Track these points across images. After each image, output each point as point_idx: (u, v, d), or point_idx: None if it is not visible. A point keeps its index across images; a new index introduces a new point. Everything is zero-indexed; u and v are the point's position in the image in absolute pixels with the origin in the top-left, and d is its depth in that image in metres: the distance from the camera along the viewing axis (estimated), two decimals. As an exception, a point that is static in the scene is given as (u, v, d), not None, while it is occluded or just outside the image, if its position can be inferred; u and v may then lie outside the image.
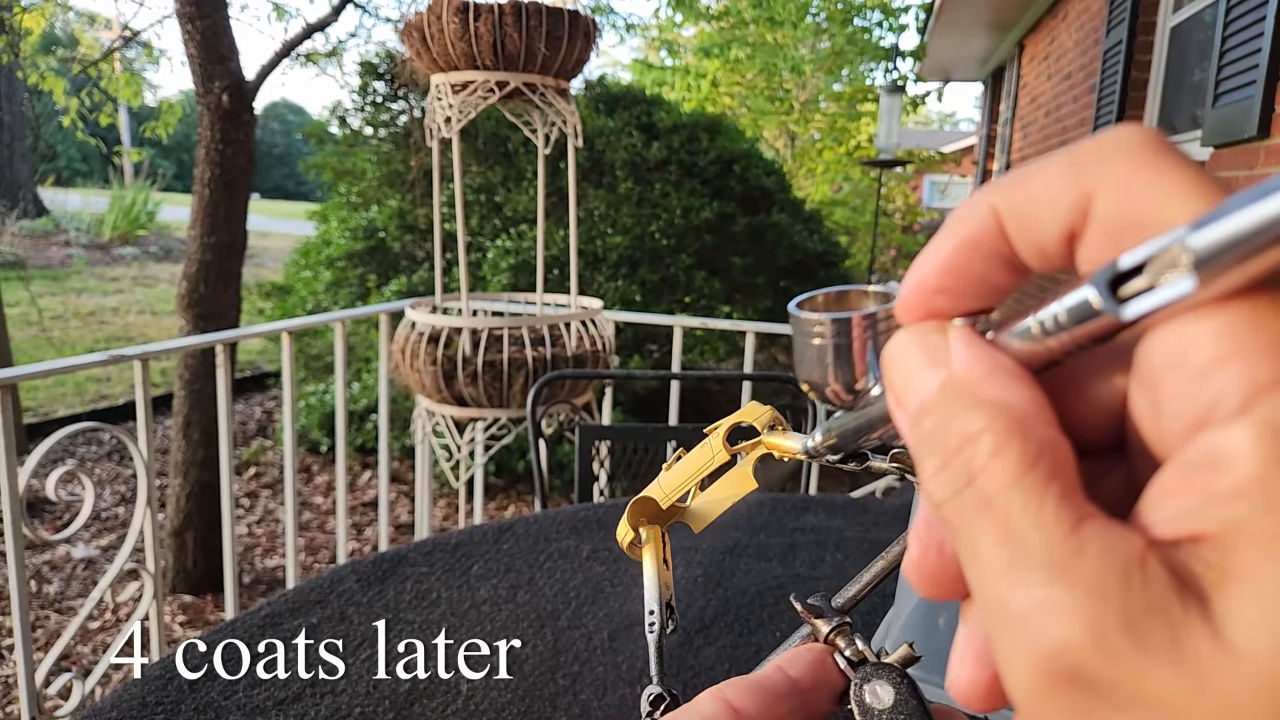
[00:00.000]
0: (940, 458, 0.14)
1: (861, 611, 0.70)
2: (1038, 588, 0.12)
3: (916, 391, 0.15)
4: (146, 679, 0.56)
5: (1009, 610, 0.13)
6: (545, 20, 1.61)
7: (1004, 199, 0.15)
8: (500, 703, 0.56)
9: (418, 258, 3.76)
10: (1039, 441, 0.13)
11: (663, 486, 0.24)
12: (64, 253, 8.47)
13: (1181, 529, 0.12)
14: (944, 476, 0.14)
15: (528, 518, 0.85)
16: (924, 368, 0.15)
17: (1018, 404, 0.14)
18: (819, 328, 0.19)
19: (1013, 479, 0.13)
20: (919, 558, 0.16)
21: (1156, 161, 0.13)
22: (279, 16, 4.02)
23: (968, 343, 0.15)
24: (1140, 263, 0.12)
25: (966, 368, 0.15)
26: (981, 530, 0.13)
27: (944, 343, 0.15)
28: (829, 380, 0.19)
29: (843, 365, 0.18)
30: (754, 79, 7.45)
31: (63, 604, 2.40)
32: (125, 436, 1.34)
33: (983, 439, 0.13)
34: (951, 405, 0.14)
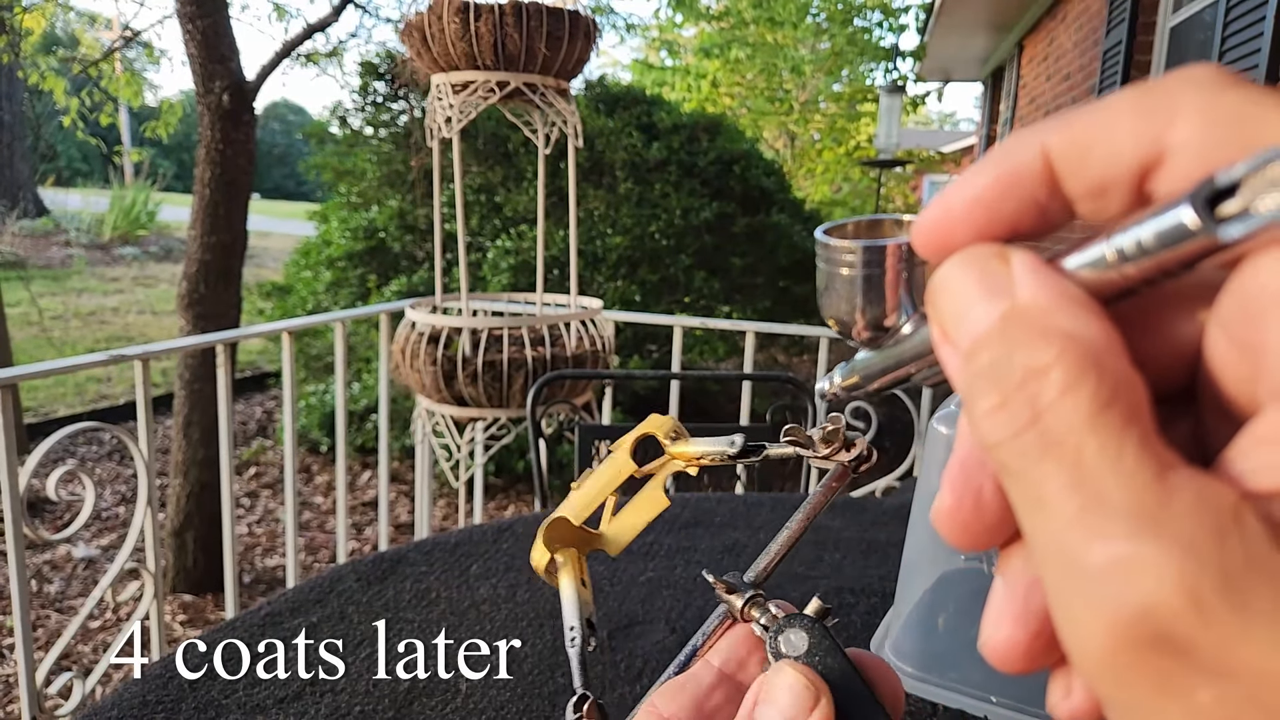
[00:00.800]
0: (1000, 394, 0.13)
1: (861, 612, 0.70)
2: (1120, 540, 0.11)
3: (973, 322, 0.14)
4: (147, 678, 0.56)
5: (1084, 564, 0.11)
6: (546, 20, 1.61)
7: (1060, 135, 0.14)
8: (499, 702, 0.56)
9: (418, 258, 3.77)
10: (1115, 379, 0.12)
11: (574, 505, 0.24)
12: (64, 253, 8.47)
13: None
14: (1004, 415, 0.12)
15: (527, 517, 0.86)
16: (982, 296, 0.14)
17: (1092, 337, 0.12)
18: (849, 256, 0.17)
19: (1087, 418, 0.12)
20: (953, 505, 0.15)
21: (1238, 88, 0.12)
22: (279, 17, 4.02)
23: (1034, 269, 0.14)
24: (1235, 181, 0.11)
25: (1032, 296, 0.13)
26: (1048, 474, 0.12)
27: (1005, 269, 0.14)
28: (856, 315, 0.17)
29: (873, 298, 0.17)
30: (754, 79, 7.46)
31: (63, 603, 2.40)
32: (126, 436, 1.34)
33: (1052, 373, 0.12)
34: (1015, 336, 0.13)
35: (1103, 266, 0.13)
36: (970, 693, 0.58)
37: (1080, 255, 0.14)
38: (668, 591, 0.72)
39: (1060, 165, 0.14)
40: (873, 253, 0.17)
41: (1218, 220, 0.12)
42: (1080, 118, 0.13)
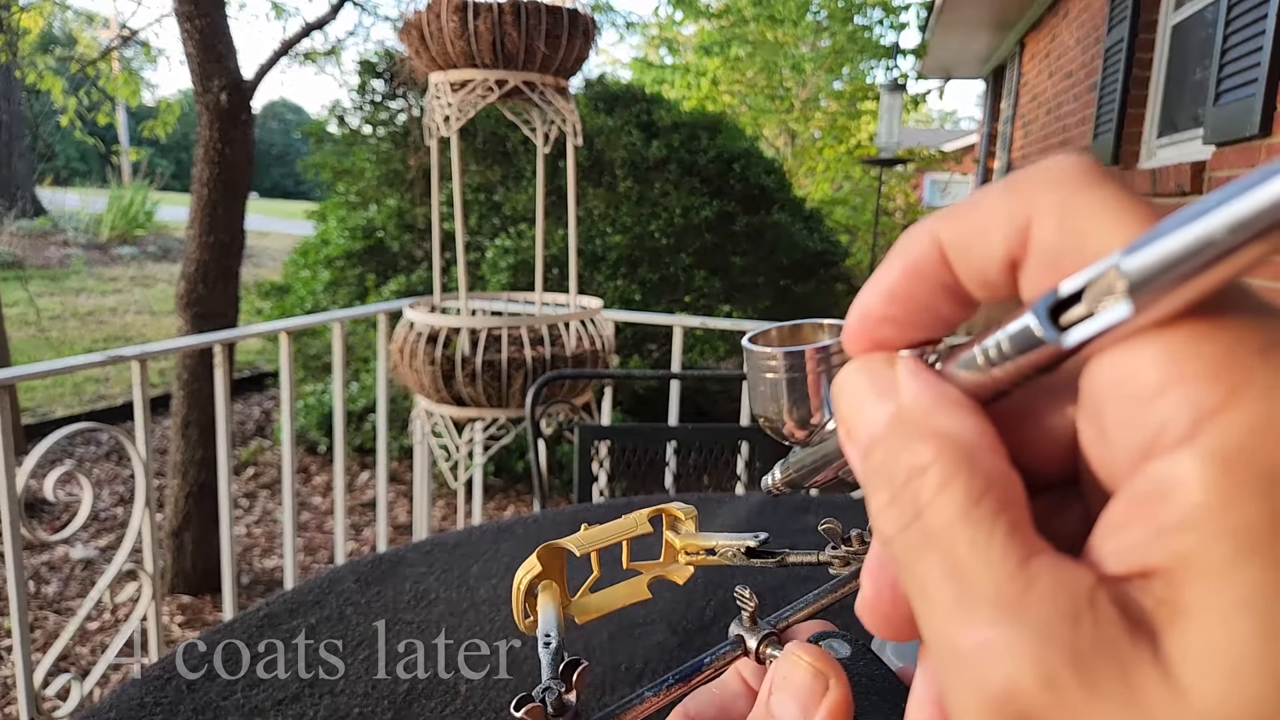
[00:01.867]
0: (888, 491, 0.14)
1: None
2: (984, 627, 0.12)
3: (866, 424, 0.15)
4: (145, 679, 0.56)
5: (956, 650, 0.12)
6: (544, 19, 1.60)
7: (945, 228, 0.14)
8: (499, 703, 0.56)
9: (416, 257, 3.76)
10: (987, 474, 0.13)
11: (579, 540, 0.25)
12: (62, 252, 8.46)
13: (1132, 563, 0.12)
14: (892, 511, 0.13)
15: (527, 518, 0.85)
16: (872, 399, 0.15)
17: (965, 435, 0.13)
18: (772, 362, 0.18)
19: (959, 513, 0.13)
20: (872, 597, 0.16)
21: (1091, 187, 0.13)
22: (277, 15, 4.02)
23: (914, 373, 0.15)
24: (1079, 289, 0.12)
25: (914, 398, 0.14)
26: (928, 566, 0.13)
27: (892, 374, 0.15)
28: (784, 416, 0.18)
29: (797, 400, 0.18)
30: (754, 77, 7.46)
31: (61, 604, 2.40)
32: (123, 437, 1.33)
33: (930, 472, 0.13)
34: (899, 437, 0.14)
35: (975, 369, 0.14)
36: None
37: (960, 359, 0.14)
38: (668, 593, 0.71)
39: (950, 254, 0.14)
40: (792, 357, 0.18)
41: (1062, 328, 0.12)
42: (961, 211, 0.14)
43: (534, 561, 0.24)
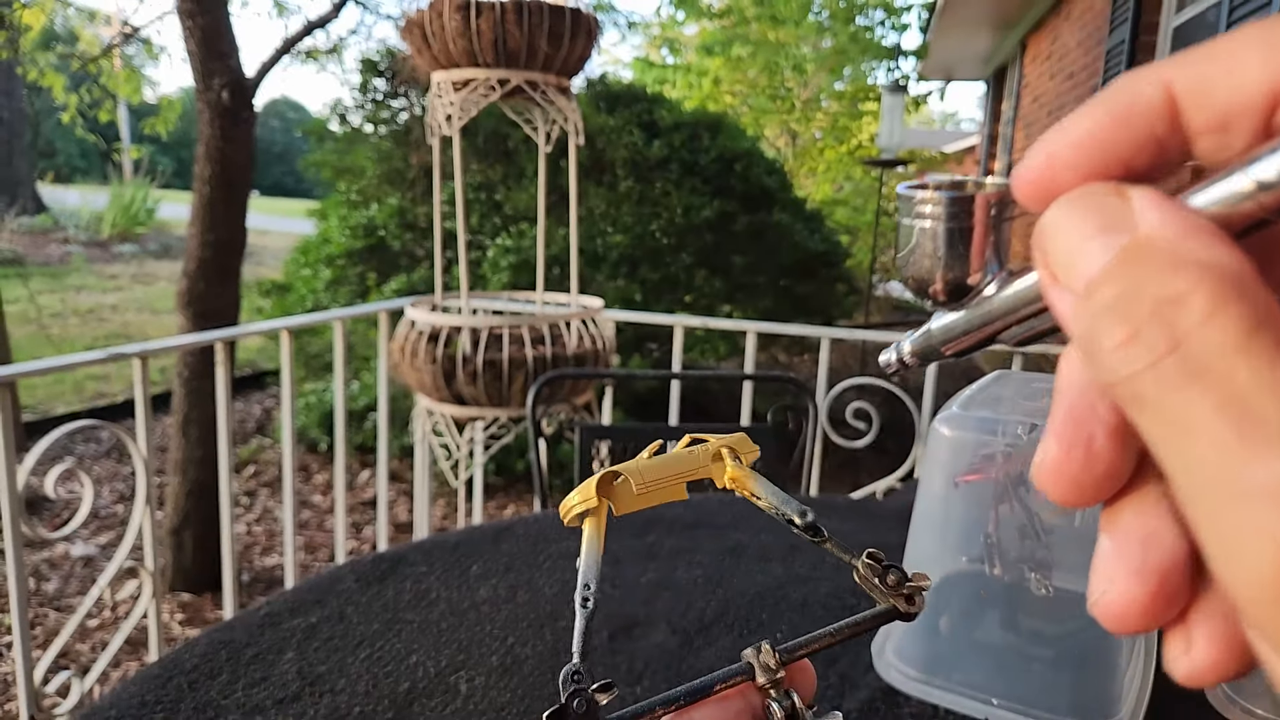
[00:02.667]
0: (1130, 326, 0.12)
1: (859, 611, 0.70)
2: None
3: (1090, 257, 0.13)
4: (145, 677, 0.56)
5: (1247, 487, 0.11)
6: (546, 18, 1.60)
7: (1180, 71, 0.13)
8: (499, 703, 0.56)
9: (418, 256, 3.76)
10: (1260, 305, 0.12)
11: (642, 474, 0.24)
12: (63, 250, 8.46)
13: None
14: (1137, 346, 0.12)
15: (527, 518, 0.85)
16: (1100, 232, 0.13)
17: (1228, 263, 0.12)
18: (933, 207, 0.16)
19: (1236, 342, 0.11)
20: (1061, 457, 0.14)
21: None
22: (280, 13, 4.02)
23: (1157, 202, 0.13)
24: None
25: (1159, 226, 0.13)
26: (1194, 401, 0.11)
27: (1123, 205, 0.13)
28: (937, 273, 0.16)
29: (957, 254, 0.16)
30: (756, 77, 7.46)
31: (61, 602, 2.40)
32: (124, 434, 1.34)
33: (1191, 300, 0.12)
34: (1143, 267, 0.12)
35: (1235, 199, 0.13)
36: (972, 695, 0.57)
37: (1206, 190, 0.13)
38: (668, 593, 0.71)
39: (1184, 98, 0.13)
40: (958, 204, 0.16)
41: None
42: (1205, 50, 0.13)
43: (591, 492, 0.23)
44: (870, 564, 0.22)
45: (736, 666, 0.21)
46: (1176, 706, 0.59)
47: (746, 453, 0.25)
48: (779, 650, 0.21)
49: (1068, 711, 0.56)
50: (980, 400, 0.64)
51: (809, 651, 0.22)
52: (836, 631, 0.22)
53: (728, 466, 0.24)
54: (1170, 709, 0.58)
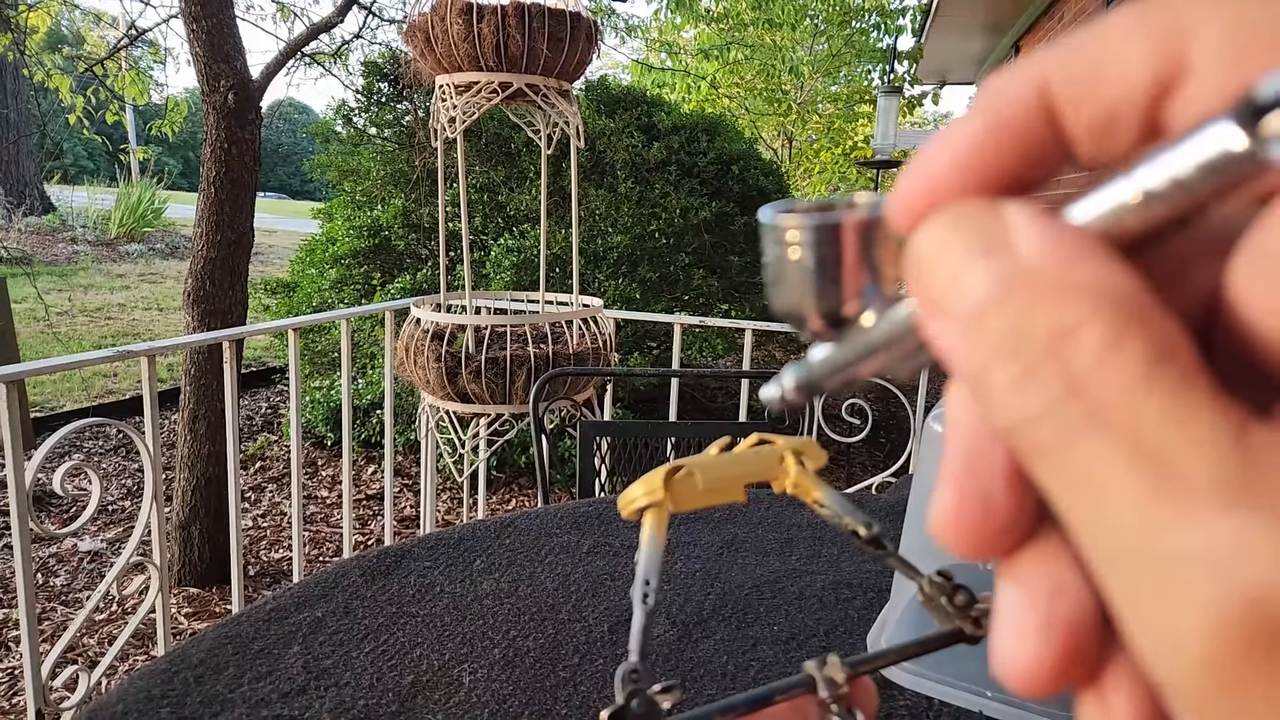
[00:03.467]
0: (1021, 363, 0.11)
1: (858, 606, 0.71)
2: (1212, 519, 0.09)
3: (970, 286, 0.11)
4: (152, 671, 0.57)
5: (1166, 553, 0.09)
6: (548, 22, 1.62)
7: (1057, 66, 0.12)
8: (501, 695, 0.57)
9: (422, 256, 3.78)
10: (1162, 332, 0.10)
11: (709, 474, 0.22)
12: (71, 249, 8.50)
13: None
14: (1031, 387, 0.11)
15: (529, 513, 0.86)
16: (975, 257, 0.12)
17: (1123, 287, 0.10)
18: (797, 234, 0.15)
19: (1139, 379, 0.10)
20: (957, 508, 0.12)
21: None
22: (284, 17, 4.03)
23: (1035, 219, 0.12)
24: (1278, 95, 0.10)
25: (1041, 248, 0.11)
26: (1099, 451, 0.10)
27: (1000, 225, 0.12)
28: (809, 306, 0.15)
29: (827, 285, 0.15)
30: (753, 80, 7.47)
31: (69, 596, 2.42)
32: (132, 431, 1.35)
33: (1085, 334, 0.10)
34: (1029, 296, 0.11)
35: (1122, 212, 0.11)
36: (966, 688, 0.58)
37: (1089, 202, 0.12)
38: (667, 586, 0.72)
39: (1060, 98, 0.12)
40: (824, 231, 0.14)
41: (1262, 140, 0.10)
42: (1082, 42, 0.12)
43: (658, 484, 0.22)
44: (939, 582, 0.21)
45: (798, 678, 0.20)
46: None
47: (814, 458, 0.23)
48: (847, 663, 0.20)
49: (1060, 704, 0.56)
50: (973, 398, 0.65)
51: (875, 668, 0.21)
52: (903, 650, 0.21)
53: (790, 471, 0.23)
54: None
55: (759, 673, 0.61)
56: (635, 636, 0.19)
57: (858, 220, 0.14)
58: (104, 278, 7.72)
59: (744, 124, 7.05)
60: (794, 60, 6.97)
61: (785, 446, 0.23)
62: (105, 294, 7.11)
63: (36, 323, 5.78)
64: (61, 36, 9.29)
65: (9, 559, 2.54)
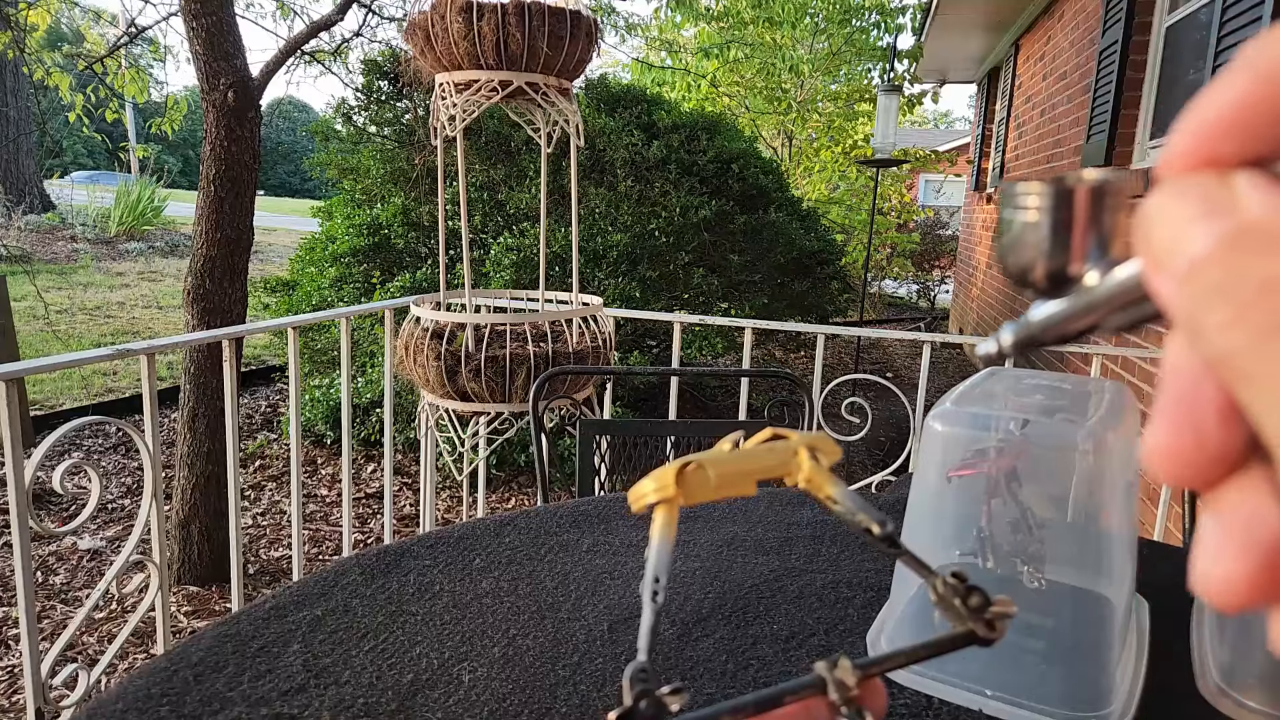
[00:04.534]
0: (1233, 308, 0.12)
1: (858, 605, 0.71)
2: None
3: (1191, 244, 0.13)
4: (152, 670, 0.57)
5: None
6: (548, 20, 1.61)
7: None
8: (501, 693, 0.57)
9: (421, 254, 3.78)
10: None
11: (721, 469, 0.22)
12: (70, 248, 8.50)
13: None
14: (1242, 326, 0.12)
15: (529, 511, 0.86)
16: (1199, 219, 0.13)
17: None
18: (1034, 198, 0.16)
19: None
20: (1172, 441, 0.14)
21: None
22: (284, 14, 4.03)
23: (1262, 187, 0.13)
24: None
25: (1264, 210, 0.13)
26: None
27: (1226, 193, 0.13)
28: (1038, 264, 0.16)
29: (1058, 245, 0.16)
30: (752, 79, 7.47)
31: (68, 595, 2.42)
32: (131, 429, 1.35)
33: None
34: (1246, 251, 0.12)
35: None
36: (966, 686, 0.58)
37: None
38: (667, 584, 0.72)
39: None
40: (1061, 195, 0.16)
41: None
42: None
43: (669, 480, 0.22)
44: (952, 584, 0.21)
45: (809, 679, 0.20)
46: (1168, 698, 0.60)
47: (828, 454, 0.24)
48: (857, 665, 0.20)
49: (1060, 703, 0.56)
50: (973, 396, 0.65)
51: (885, 669, 0.21)
52: (913, 652, 0.21)
53: (804, 466, 0.23)
54: (1162, 701, 0.59)
55: (759, 671, 0.61)
56: (644, 635, 0.19)
57: (1089, 188, 0.16)
58: (103, 276, 7.72)
59: (744, 123, 7.05)
60: (794, 59, 6.98)
61: (800, 442, 0.23)
62: (105, 292, 7.11)
63: (36, 321, 5.78)
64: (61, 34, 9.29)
65: (9, 557, 2.54)
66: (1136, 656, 0.63)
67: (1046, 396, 0.66)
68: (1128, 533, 0.60)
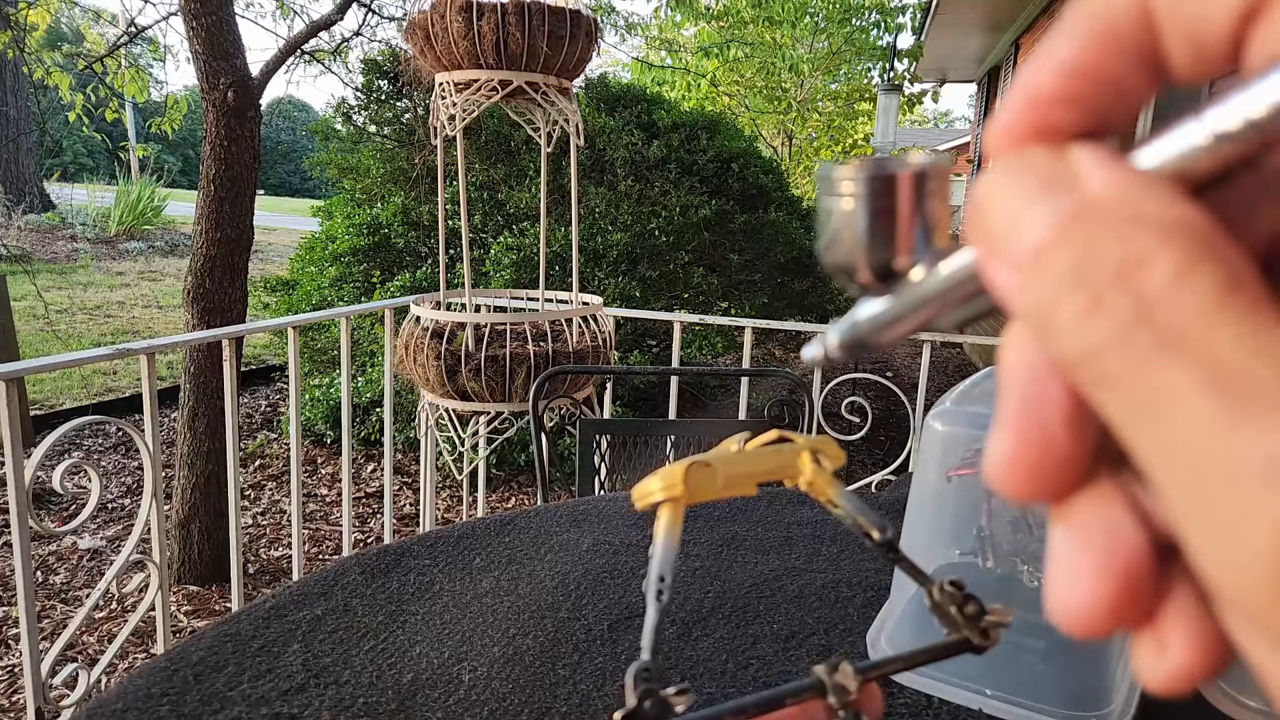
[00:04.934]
0: (1088, 295, 0.11)
1: (857, 605, 0.71)
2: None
3: (1033, 226, 0.12)
4: (152, 669, 0.57)
5: (1240, 464, 0.10)
6: (547, 20, 1.61)
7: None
8: (501, 693, 0.57)
9: (421, 254, 3.78)
10: (1232, 262, 0.11)
11: (728, 467, 0.22)
12: (70, 247, 8.50)
13: None
14: (1100, 316, 0.11)
15: (529, 511, 0.86)
16: (1039, 198, 0.12)
17: (1194, 220, 0.11)
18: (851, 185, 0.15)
19: (1212, 305, 0.10)
20: (1017, 450, 0.13)
21: None
22: (284, 14, 4.03)
23: (1103, 161, 0.12)
24: None
25: (1109, 186, 0.12)
26: (1170, 373, 0.10)
27: (1065, 167, 0.12)
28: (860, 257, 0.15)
29: (880, 237, 0.15)
30: (752, 78, 7.48)
31: (68, 595, 2.42)
32: (131, 429, 1.35)
33: (1157, 261, 0.11)
34: (1097, 230, 0.11)
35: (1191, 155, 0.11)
36: (966, 685, 0.58)
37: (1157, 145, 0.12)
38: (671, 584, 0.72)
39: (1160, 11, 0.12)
40: (880, 182, 0.15)
41: None
42: None
43: (677, 480, 0.21)
44: (950, 591, 0.21)
45: (808, 682, 0.20)
46: (1168, 697, 0.60)
47: (832, 458, 0.23)
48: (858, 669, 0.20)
49: (1060, 702, 0.56)
50: (973, 395, 0.65)
51: (883, 674, 0.21)
52: (910, 657, 0.21)
53: (806, 470, 0.23)
54: (1161, 701, 0.59)
55: (758, 671, 0.61)
56: (648, 634, 0.19)
57: (912, 173, 0.15)
58: (103, 275, 7.72)
59: (744, 122, 7.06)
60: (794, 58, 6.99)
61: (805, 445, 0.23)
62: (105, 292, 7.11)
63: (36, 320, 5.78)
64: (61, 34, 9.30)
65: (9, 557, 2.54)
66: (1136, 656, 0.62)
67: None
68: (1127, 532, 0.60)
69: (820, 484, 0.23)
